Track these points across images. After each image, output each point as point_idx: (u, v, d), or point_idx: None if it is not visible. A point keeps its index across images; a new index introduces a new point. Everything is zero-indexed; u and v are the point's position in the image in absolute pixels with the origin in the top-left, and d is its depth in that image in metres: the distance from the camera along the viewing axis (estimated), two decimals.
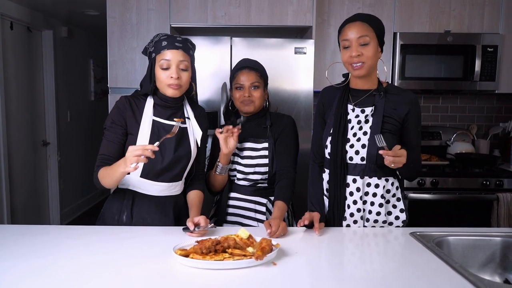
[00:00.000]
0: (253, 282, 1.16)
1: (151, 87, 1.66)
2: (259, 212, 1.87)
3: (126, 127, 1.65)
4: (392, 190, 1.70)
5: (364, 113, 1.65)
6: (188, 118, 1.73)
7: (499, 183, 2.79)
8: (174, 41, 1.63)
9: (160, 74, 1.63)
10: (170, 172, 1.67)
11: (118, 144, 1.64)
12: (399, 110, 1.63)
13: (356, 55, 1.57)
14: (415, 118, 1.66)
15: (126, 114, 1.65)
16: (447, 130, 3.36)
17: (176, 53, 1.61)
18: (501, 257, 1.54)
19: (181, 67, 1.62)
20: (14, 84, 3.77)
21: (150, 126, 1.65)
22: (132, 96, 1.71)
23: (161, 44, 1.62)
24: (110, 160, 1.61)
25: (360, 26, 1.59)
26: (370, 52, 1.58)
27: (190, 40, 1.70)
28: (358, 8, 2.98)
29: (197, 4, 2.76)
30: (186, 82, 1.65)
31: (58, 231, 1.61)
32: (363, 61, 1.58)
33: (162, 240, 1.45)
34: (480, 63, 2.97)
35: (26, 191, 4.02)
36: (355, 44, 1.58)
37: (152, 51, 1.65)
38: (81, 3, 3.80)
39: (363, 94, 1.67)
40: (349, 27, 1.61)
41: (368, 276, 1.23)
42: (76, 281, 1.15)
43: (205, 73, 2.68)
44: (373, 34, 1.59)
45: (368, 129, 1.64)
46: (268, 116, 1.93)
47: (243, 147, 1.90)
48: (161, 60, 1.61)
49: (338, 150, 1.65)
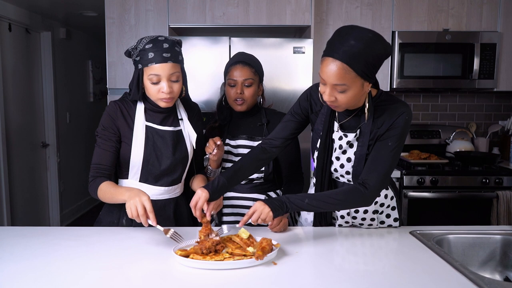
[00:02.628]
0: (253, 282, 1.16)
1: (139, 96, 1.59)
2: None
3: (119, 134, 1.61)
4: (386, 202, 1.59)
5: (347, 138, 1.49)
6: (181, 120, 1.69)
7: (499, 181, 2.79)
8: (161, 52, 1.50)
9: (150, 87, 1.54)
10: (169, 176, 1.65)
11: (113, 153, 1.59)
12: (382, 128, 1.44)
13: (330, 101, 1.38)
14: (393, 131, 1.42)
15: (118, 122, 1.60)
16: (446, 128, 3.36)
17: (165, 66, 1.50)
18: (501, 255, 1.54)
19: (172, 79, 1.53)
20: (13, 86, 3.76)
21: (143, 132, 1.60)
22: (121, 101, 1.64)
23: (148, 55, 1.50)
24: (106, 170, 1.57)
25: (335, 69, 1.31)
26: (345, 97, 1.36)
27: (177, 40, 1.59)
28: (356, 7, 2.98)
29: (195, 5, 2.76)
30: (178, 92, 1.57)
31: (58, 233, 1.61)
32: (338, 105, 1.39)
33: (162, 240, 1.45)
34: (478, 61, 2.97)
35: (25, 192, 4.02)
36: (330, 87, 1.35)
37: (138, 61, 1.53)
38: (79, 5, 3.80)
39: (349, 114, 1.50)
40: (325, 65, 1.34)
41: (368, 275, 1.23)
42: (76, 281, 1.15)
43: (204, 74, 2.68)
44: (353, 76, 1.32)
45: (352, 155, 1.50)
46: (264, 113, 1.92)
47: (237, 145, 1.89)
48: (150, 74, 1.51)
49: (324, 170, 1.56)
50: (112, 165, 1.60)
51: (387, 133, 1.43)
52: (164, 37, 1.55)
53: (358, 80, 1.32)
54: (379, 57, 1.33)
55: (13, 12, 3.67)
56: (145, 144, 1.60)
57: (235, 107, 1.86)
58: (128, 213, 1.38)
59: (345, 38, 1.30)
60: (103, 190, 1.53)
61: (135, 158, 1.60)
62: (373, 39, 1.30)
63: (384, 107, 1.45)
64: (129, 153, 1.60)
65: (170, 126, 1.65)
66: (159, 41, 1.52)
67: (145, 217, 1.36)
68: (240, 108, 1.85)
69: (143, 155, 1.60)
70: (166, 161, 1.62)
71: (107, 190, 1.52)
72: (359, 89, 1.35)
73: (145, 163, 1.60)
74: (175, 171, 1.66)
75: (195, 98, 2.70)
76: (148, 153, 1.60)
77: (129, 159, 1.60)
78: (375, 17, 2.99)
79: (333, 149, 1.54)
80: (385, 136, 1.44)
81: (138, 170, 1.61)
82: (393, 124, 1.42)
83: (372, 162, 1.44)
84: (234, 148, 1.88)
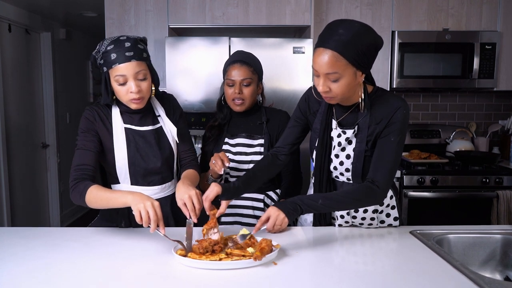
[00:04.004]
0: (253, 282, 1.16)
1: (110, 100, 1.56)
2: (257, 209, 1.86)
3: (100, 138, 1.57)
4: (386, 201, 1.58)
5: (346, 134, 1.51)
6: (159, 116, 1.66)
7: (499, 181, 2.79)
8: (123, 51, 1.47)
9: (118, 90, 1.51)
10: (158, 174, 1.64)
11: (95, 153, 1.54)
12: (381, 124, 1.45)
13: (324, 91, 1.39)
14: (392, 126, 1.43)
15: (97, 125, 1.57)
16: (446, 128, 3.36)
17: (130, 65, 1.47)
18: (501, 254, 1.54)
19: (139, 77, 1.50)
20: (13, 87, 3.76)
21: (123, 135, 1.58)
22: (97, 105, 1.61)
23: (110, 56, 1.47)
24: (89, 171, 1.50)
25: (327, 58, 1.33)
26: (339, 87, 1.37)
27: (140, 38, 1.57)
28: (356, 7, 2.98)
29: (195, 5, 2.76)
30: (147, 91, 1.54)
31: (59, 233, 1.60)
32: (332, 96, 1.40)
33: (162, 240, 1.45)
34: (478, 60, 2.97)
35: (26, 193, 4.02)
36: (323, 77, 1.37)
37: (102, 64, 1.50)
38: (79, 5, 3.80)
39: (346, 111, 1.51)
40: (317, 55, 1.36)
41: (369, 274, 1.22)
42: (77, 282, 1.15)
43: (204, 74, 2.69)
44: (345, 64, 1.34)
45: (351, 151, 1.51)
46: (263, 112, 1.91)
47: (236, 143, 1.88)
48: (116, 76, 1.48)
49: (323, 168, 1.56)
50: (95, 167, 1.54)
51: (387, 129, 1.44)
52: (126, 36, 1.52)
53: (350, 68, 1.34)
54: (368, 46, 1.35)
55: (13, 13, 3.67)
56: (127, 147, 1.58)
57: (233, 107, 1.86)
58: (137, 216, 1.32)
59: (335, 30, 1.34)
60: (94, 194, 1.43)
61: (120, 162, 1.58)
62: (361, 29, 1.34)
63: (381, 102, 1.47)
64: (113, 158, 1.58)
65: (150, 125, 1.64)
66: (120, 41, 1.50)
67: (156, 223, 1.32)
68: (239, 109, 1.85)
69: (127, 157, 1.58)
70: (152, 159, 1.61)
71: (100, 194, 1.43)
72: (352, 78, 1.36)
73: (131, 165, 1.59)
74: (163, 169, 1.65)
75: (195, 98, 2.72)
76: (131, 155, 1.59)
77: (115, 164, 1.58)
78: (375, 17, 2.99)
79: (331, 147, 1.55)
80: (385, 133, 1.45)
81: (126, 173, 1.59)
82: (392, 119, 1.44)
83: (378, 160, 1.45)
84: (233, 147, 1.88)
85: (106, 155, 1.60)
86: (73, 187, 1.47)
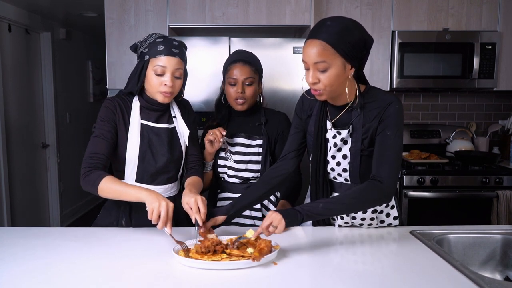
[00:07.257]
0: (253, 282, 1.16)
1: (138, 87, 1.61)
2: (254, 209, 1.85)
3: (116, 130, 1.60)
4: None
5: (341, 135, 1.50)
6: (175, 117, 1.70)
7: (499, 181, 2.79)
8: (171, 47, 1.56)
9: (153, 79, 1.57)
10: (165, 174, 1.66)
11: (110, 143, 1.57)
12: (375, 121, 1.45)
13: (313, 83, 1.39)
14: (386, 120, 1.43)
15: (116, 116, 1.61)
16: (446, 128, 3.36)
17: (173, 60, 1.56)
18: (501, 254, 1.54)
19: (176, 75, 1.58)
20: (13, 87, 3.76)
21: (139, 129, 1.61)
22: (118, 97, 1.65)
23: (157, 47, 1.55)
24: (102, 160, 1.54)
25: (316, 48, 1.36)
26: (327, 78, 1.37)
27: (183, 42, 1.66)
28: (356, 7, 2.98)
29: (195, 5, 2.76)
30: (178, 89, 1.61)
31: (59, 233, 1.60)
32: (321, 88, 1.39)
33: (162, 240, 1.45)
34: (478, 60, 2.97)
35: (26, 193, 4.02)
36: (312, 67, 1.37)
37: (145, 53, 1.58)
38: (78, 5, 3.80)
39: (340, 110, 1.51)
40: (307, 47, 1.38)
41: (368, 274, 1.23)
42: (77, 282, 1.15)
43: (204, 74, 2.68)
44: (333, 55, 1.35)
45: (347, 151, 1.51)
46: (263, 112, 1.91)
47: (233, 143, 1.88)
48: (156, 65, 1.55)
49: (319, 169, 1.55)
50: (108, 157, 1.57)
51: (382, 125, 1.45)
52: (174, 38, 1.62)
53: (338, 58, 1.35)
54: (357, 39, 1.36)
55: (12, 13, 3.67)
56: (140, 142, 1.61)
57: (235, 106, 1.86)
58: (149, 212, 1.37)
59: (323, 22, 1.38)
60: (108, 185, 1.48)
61: (131, 156, 1.60)
62: (350, 23, 1.37)
63: (373, 100, 1.48)
64: (123, 152, 1.60)
65: (165, 123, 1.67)
66: (169, 38, 1.60)
67: (165, 223, 1.37)
68: (240, 108, 1.85)
69: (138, 152, 1.60)
70: (162, 158, 1.63)
71: (114, 186, 1.48)
72: (340, 69, 1.36)
73: (140, 160, 1.61)
74: (171, 169, 1.67)
75: (195, 98, 2.72)
76: (143, 150, 1.61)
77: (124, 158, 1.60)
78: (375, 17, 2.99)
79: (327, 148, 1.55)
80: (380, 128, 1.45)
81: (134, 168, 1.61)
82: (384, 114, 1.44)
83: (378, 156, 1.45)
84: (231, 147, 1.88)
85: (117, 148, 1.62)
86: (85, 174, 1.51)
